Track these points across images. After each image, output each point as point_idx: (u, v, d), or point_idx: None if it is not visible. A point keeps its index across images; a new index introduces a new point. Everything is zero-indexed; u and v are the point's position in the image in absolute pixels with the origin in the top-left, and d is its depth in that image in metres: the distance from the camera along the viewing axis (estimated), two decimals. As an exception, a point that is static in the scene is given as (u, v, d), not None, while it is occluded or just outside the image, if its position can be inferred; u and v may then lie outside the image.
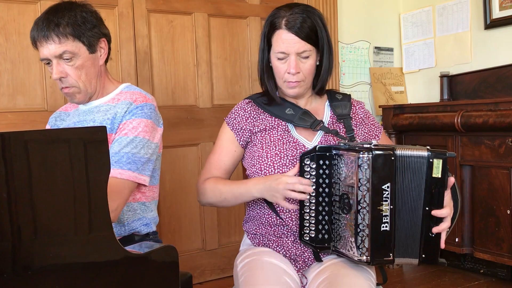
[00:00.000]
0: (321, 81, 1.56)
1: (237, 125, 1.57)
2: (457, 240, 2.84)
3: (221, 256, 2.95)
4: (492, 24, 3.10)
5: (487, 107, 2.65)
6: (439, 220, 1.35)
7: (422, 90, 3.55)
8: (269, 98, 1.57)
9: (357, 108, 1.63)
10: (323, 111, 1.60)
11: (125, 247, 1.07)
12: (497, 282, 2.81)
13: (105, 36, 1.60)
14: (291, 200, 1.46)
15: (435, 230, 1.33)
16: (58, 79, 1.55)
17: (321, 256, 1.50)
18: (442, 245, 1.35)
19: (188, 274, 1.62)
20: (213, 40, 2.95)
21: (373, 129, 1.63)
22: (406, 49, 3.62)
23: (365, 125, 1.61)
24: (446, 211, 1.34)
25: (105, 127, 0.99)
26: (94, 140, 0.96)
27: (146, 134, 1.53)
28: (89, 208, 0.97)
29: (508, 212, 2.59)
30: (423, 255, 1.34)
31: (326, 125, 1.56)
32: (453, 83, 3.25)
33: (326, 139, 1.54)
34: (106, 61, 1.64)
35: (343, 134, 1.55)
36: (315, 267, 1.49)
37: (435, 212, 1.33)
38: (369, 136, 1.60)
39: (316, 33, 1.48)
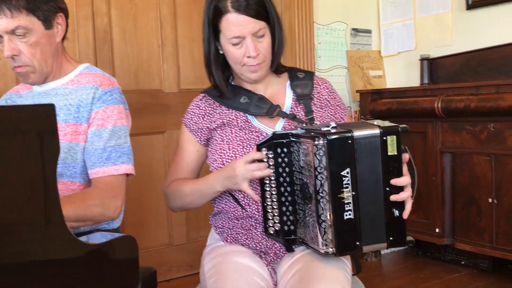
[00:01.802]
0: (277, 58, 1.54)
1: (194, 125, 1.56)
2: (437, 230, 2.86)
3: (189, 252, 2.93)
4: (474, 4, 3.11)
5: (469, 91, 2.66)
6: (400, 192, 1.34)
7: (401, 74, 3.56)
8: (219, 91, 1.54)
9: (321, 87, 1.60)
10: (285, 93, 1.58)
11: (79, 238, 1.04)
12: (478, 274, 2.84)
13: (62, 11, 1.56)
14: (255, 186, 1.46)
15: (394, 197, 1.32)
16: (10, 57, 1.50)
17: (293, 247, 1.50)
18: (406, 216, 1.35)
19: (152, 270, 1.60)
20: (180, 19, 2.90)
21: (338, 111, 1.61)
22: (384, 31, 3.62)
23: (330, 107, 1.59)
24: (405, 179, 1.33)
25: (53, 107, 0.95)
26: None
27: (122, 120, 1.54)
28: (44, 201, 0.93)
29: (490, 200, 2.61)
30: (391, 238, 1.34)
31: (289, 109, 1.55)
32: (433, 67, 3.26)
33: (290, 124, 1.52)
34: (63, 39, 1.60)
35: (303, 118, 1.53)
36: (287, 259, 1.49)
37: (395, 181, 1.32)
38: (334, 119, 1.58)
39: (265, 7, 1.46)
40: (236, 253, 1.49)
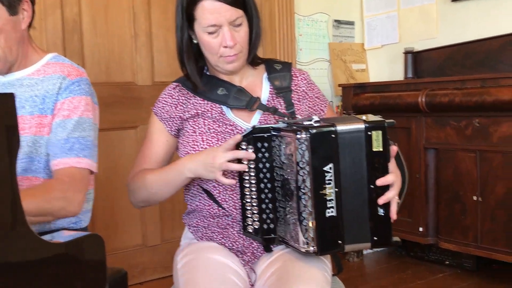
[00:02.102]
0: (254, 48, 1.53)
1: (165, 114, 1.54)
2: (421, 229, 2.88)
3: (164, 253, 2.91)
4: (459, -5, 3.15)
5: (453, 85, 2.68)
6: (386, 191, 1.34)
7: (385, 68, 3.58)
8: (191, 83, 1.52)
9: (299, 79, 1.59)
10: (261, 85, 1.58)
11: (43, 237, 1.02)
12: (462, 274, 2.87)
13: None
14: (229, 175, 1.45)
15: (381, 200, 1.33)
16: None
17: (271, 246, 1.49)
18: (394, 216, 1.35)
19: (123, 271, 1.59)
20: (154, 8, 2.88)
21: (317, 103, 1.60)
22: (368, 23, 3.64)
23: (308, 99, 1.59)
24: (390, 178, 1.33)
25: (13, 97, 0.93)
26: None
27: (89, 113, 1.52)
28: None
29: (475, 198, 2.64)
30: (375, 238, 1.34)
31: (266, 102, 1.54)
32: (418, 60, 3.28)
33: (266, 118, 1.52)
34: (29, 27, 1.57)
35: (283, 111, 1.53)
36: (264, 259, 1.48)
37: (380, 181, 1.32)
38: (313, 112, 1.58)
39: None
40: (211, 249, 1.48)
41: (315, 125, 1.31)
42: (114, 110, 2.77)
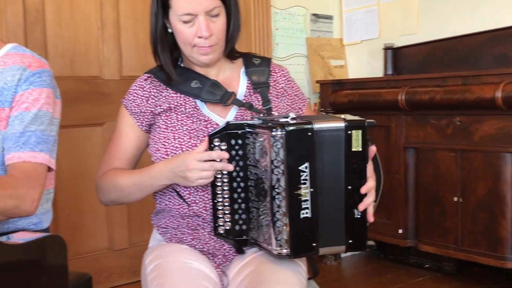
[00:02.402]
0: (231, 41, 1.53)
1: (136, 108, 1.52)
2: (400, 231, 2.90)
3: (132, 257, 2.89)
4: (440, -10, 3.17)
5: (434, 82, 2.70)
6: (364, 196, 1.36)
7: (364, 64, 3.59)
8: (165, 74, 1.52)
9: (278, 75, 1.60)
10: (238, 80, 1.58)
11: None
12: (443, 277, 2.90)
13: None
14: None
15: (361, 207, 1.35)
16: None
17: (244, 248, 1.49)
18: (371, 219, 1.37)
19: (87, 276, 1.58)
20: (122, -3, 2.86)
21: (296, 101, 1.61)
22: (347, 18, 3.65)
23: (287, 96, 1.60)
24: (371, 184, 1.36)
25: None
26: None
27: (49, 106, 1.50)
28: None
29: (455, 199, 2.66)
30: (350, 241, 1.36)
31: (242, 97, 1.54)
32: (398, 56, 3.30)
33: (242, 114, 1.52)
34: None
35: (259, 107, 1.53)
36: (237, 262, 1.48)
37: (364, 189, 1.34)
38: (291, 110, 1.59)
39: None
40: (182, 252, 1.47)
41: (292, 122, 1.32)
42: (79, 106, 2.73)
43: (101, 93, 2.81)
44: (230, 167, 1.39)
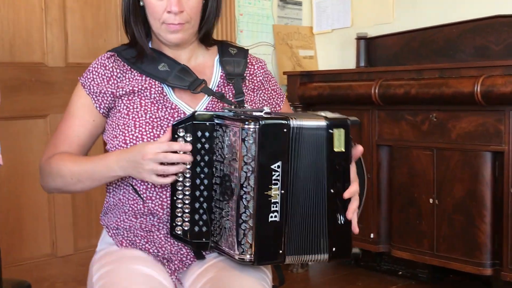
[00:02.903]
0: (207, 24, 1.54)
1: (95, 87, 1.51)
2: (372, 236, 2.90)
3: (77, 264, 2.87)
4: (417, -24, 3.19)
5: (410, 75, 2.71)
6: (347, 201, 1.38)
7: (335, 55, 3.60)
8: (137, 49, 1.52)
9: (255, 67, 1.62)
10: (212, 68, 1.59)
11: None
12: (417, 285, 2.91)
13: None
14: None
15: (349, 214, 1.36)
16: None
17: (204, 253, 1.49)
18: (356, 230, 1.38)
19: (25, 284, 1.57)
20: (68, -25, 2.85)
21: (273, 96, 1.63)
22: (317, 4, 3.65)
23: (264, 91, 1.61)
24: (355, 188, 1.37)
25: None
26: None
27: None
28: None
29: (431, 201, 2.67)
30: (334, 249, 1.37)
31: (215, 87, 1.55)
32: (371, 47, 3.32)
33: (214, 105, 1.52)
34: None
35: (231, 99, 1.53)
36: (195, 268, 1.48)
37: (347, 193, 1.36)
38: (267, 105, 1.60)
39: None
40: (133, 259, 1.45)
41: (266, 116, 1.33)
42: (20, 95, 2.72)
43: (44, 82, 2.78)
44: (188, 157, 1.37)
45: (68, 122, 1.53)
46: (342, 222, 1.37)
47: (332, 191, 1.35)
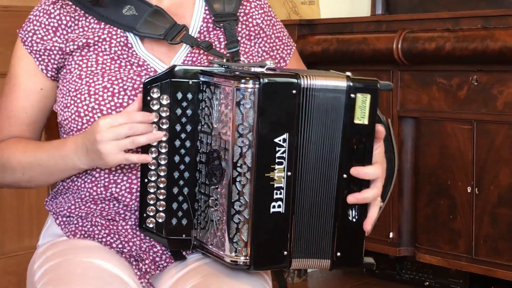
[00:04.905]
0: None
1: (38, 43, 1.53)
2: (391, 236, 2.91)
3: (4, 272, 2.88)
4: None
5: (443, 24, 2.70)
6: (364, 187, 1.37)
7: (342, 0, 3.60)
8: None
9: (251, 5, 1.62)
10: (191, 8, 1.59)
11: None
12: (449, 299, 2.95)
13: None
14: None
15: (351, 198, 1.35)
16: None
17: (184, 252, 1.49)
18: (368, 227, 1.38)
19: None
20: None
21: (277, 46, 1.63)
22: None
23: (264, 39, 1.62)
24: (373, 170, 1.36)
25: None
26: None
27: None
28: None
29: (469, 190, 2.68)
30: (338, 253, 1.36)
31: (197, 34, 1.55)
32: (391, -11, 3.33)
33: (195, 59, 1.53)
34: None
35: (221, 50, 1.53)
36: (173, 271, 1.49)
37: (356, 171, 1.34)
38: (269, 59, 1.60)
39: None
40: (90, 250, 1.46)
41: (269, 73, 1.32)
42: None
43: None
44: (159, 134, 1.38)
45: (11, 95, 1.55)
46: (355, 219, 1.36)
47: (344, 176, 1.35)
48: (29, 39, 1.53)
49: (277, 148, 1.30)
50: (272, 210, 1.31)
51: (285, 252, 1.33)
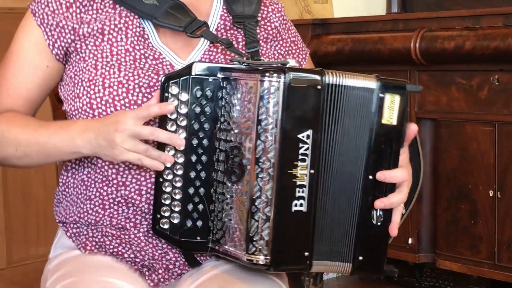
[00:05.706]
0: None
1: (49, 16, 1.52)
2: (410, 242, 2.90)
3: (10, 282, 2.88)
4: None
5: (463, 23, 2.69)
6: (389, 191, 1.37)
7: (357, -1, 3.61)
8: None
9: (269, 9, 1.64)
10: (211, 6, 1.61)
11: None
12: (471, 307, 2.94)
13: None
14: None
15: (379, 203, 1.36)
16: None
17: (199, 258, 1.49)
18: (394, 232, 1.38)
19: None
20: None
21: (293, 50, 1.66)
22: None
23: (281, 42, 1.64)
24: (400, 173, 1.37)
25: None
26: None
27: None
28: None
29: (491, 194, 2.66)
30: (360, 257, 1.37)
31: (214, 31, 1.57)
32: (407, -14, 3.34)
33: (213, 56, 1.55)
34: None
35: (240, 48, 1.55)
36: (188, 280, 1.49)
37: (382, 174, 1.35)
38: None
39: None
40: (101, 268, 1.46)
41: (294, 67, 1.35)
42: None
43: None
44: (180, 141, 1.39)
45: (14, 68, 1.54)
46: (379, 222, 1.37)
47: (370, 177, 1.36)
48: (40, 10, 1.52)
49: (301, 145, 1.31)
50: (294, 208, 1.32)
51: (306, 253, 1.34)
